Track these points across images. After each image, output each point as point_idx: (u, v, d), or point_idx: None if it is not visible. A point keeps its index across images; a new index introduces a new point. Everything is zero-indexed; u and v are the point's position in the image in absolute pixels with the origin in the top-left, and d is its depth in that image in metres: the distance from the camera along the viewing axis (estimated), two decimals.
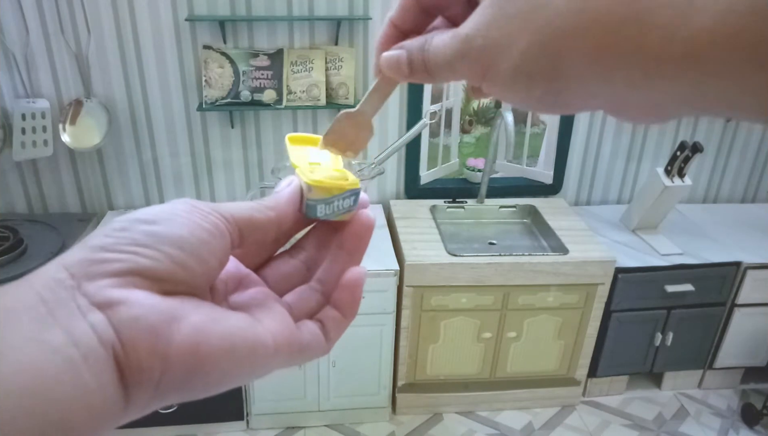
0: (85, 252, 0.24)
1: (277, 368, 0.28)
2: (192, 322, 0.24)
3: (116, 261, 0.24)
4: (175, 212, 0.26)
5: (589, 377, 2.38)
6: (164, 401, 0.25)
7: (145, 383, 0.23)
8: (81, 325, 0.22)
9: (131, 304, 0.23)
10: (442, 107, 2.37)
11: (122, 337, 0.23)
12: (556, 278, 2.08)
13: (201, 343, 0.24)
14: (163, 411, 2.13)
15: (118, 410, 0.23)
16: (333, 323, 0.30)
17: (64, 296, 0.23)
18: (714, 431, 2.30)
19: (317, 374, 2.16)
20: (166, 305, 0.24)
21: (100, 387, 0.22)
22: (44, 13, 2.01)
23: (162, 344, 0.23)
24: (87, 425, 0.22)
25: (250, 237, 0.29)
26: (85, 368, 0.22)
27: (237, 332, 0.26)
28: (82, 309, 0.23)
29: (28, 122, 2.06)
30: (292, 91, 2.12)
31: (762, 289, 2.25)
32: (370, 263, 2.00)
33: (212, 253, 0.27)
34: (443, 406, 2.33)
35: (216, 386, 0.26)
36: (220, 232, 0.27)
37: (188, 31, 2.10)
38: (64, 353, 0.21)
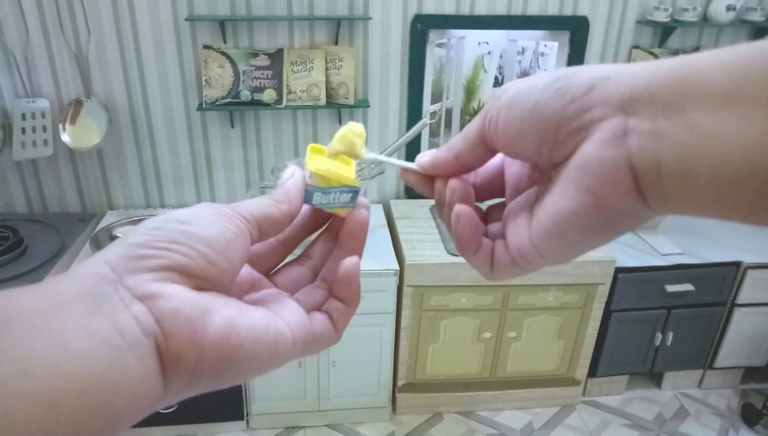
0: (124, 249, 0.26)
1: (294, 358, 0.30)
2: (223, 315, 0.26)
3: (154, 257, 0.26)
4: (204, 215, 0.28)
5: (589, 377, 2.38)
6: (195, 389, 0.27)
7: (182, 371, 0.25)
8: (125, 316, 0.24)
9: (170, 297, 0.25)
10: (443, 107, 2.37)
11: (163, 327, 0.25)
12: (556, 277, 2.08)
13: (231, 335, 0.26)
14: (163, 411, 2.13)
15: (157, 396, 0.25)
16: (338, 313, 0.32)
17: (108, 289, 0.24)
18: (714, 431, 2.30)
19: (317, 374, 2.16)
20: (200, 299, 0.26)
21: (145, 374, 0.24)
22: (44, 13, 2.01)
23: (198, 335, 0.25)
24: (131, 408, 0.24)
25: (267, 232, 0.31)
26: (131, 357, 0.23)
27: (261, 325, 0.28)
28: (125, 301, 0.24)
29: (28, 122, 2.06)
30: (292, 91, 2.12)
31: (762, 289, 2.25)
32: (370, 263, 2.00)
33: (237, 253, 0.29)
34: (443, 406, 2.33)
35: (242, 375, 0.28)
36: (243, 233, 0.29)
37: (188, 30, 2.10)
38: (112, 343, 0.23)
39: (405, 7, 2.17)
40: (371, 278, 1.99)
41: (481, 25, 2.25)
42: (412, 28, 2.20)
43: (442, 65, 2.43)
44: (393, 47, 2.23)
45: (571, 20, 2.27)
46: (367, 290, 2.00)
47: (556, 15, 2.26)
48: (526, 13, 2.25)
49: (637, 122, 0.23)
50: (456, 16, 2.22)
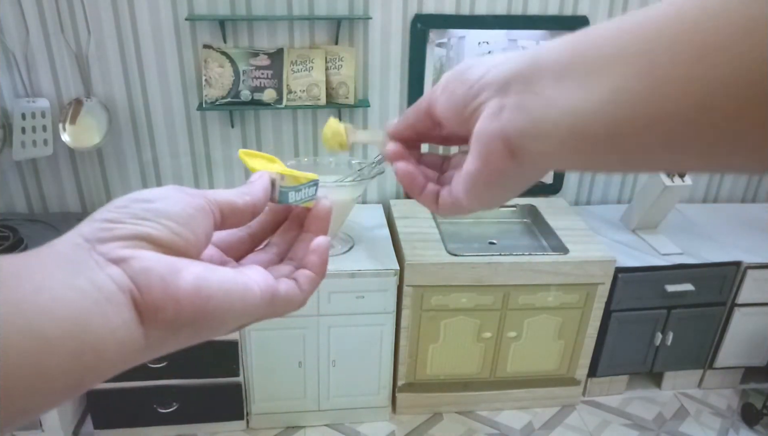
0: (95, 224, 0.29)
1: (263, 316, 0.33)
2: (192, 271, 0.29)
3: (122, 229, 0.28)
4: (168, 194, 0.31)
5: (589, 377, 2.38)
6: (178, 340, 0.30)
7: (160, 322, 0.28)
8: (101, 275, 0.26)
9: (141, 258, 0.27)
10: None
11: (137, 283, 0.27)
12: (556, 277, 2.08)
13: (202, 286, 0.29)
14: (163, 411, 2.13)
15: (139, 346, 0.27)
16: (305, 278, 0.36)
17: (84, 255, 0.27)
18: (714, 430, 2.30)
19: (317, 373, 2.16)
20: (170, 259, 0.29)
21: (124, 324, 0.26)
22: (44, 13, 2.01)
23: (172, 288, 0.28)
24: (115, 353, 0.26)
25: (229, 219, 0.34)
26: (110, 308, 0.26)
27: (229, 278, 0.31)
28: (99, 264, 0.27)
29: (28, 122, 2.06)
30: (292, 91, 2.12)
31: (762, 289, 2.25)
32: (370, 262, 2.00)
33: (200, 226, 0.31)
34: (443, 406, 2.33)
35: (218, 326, 0.31)
36: (205, 210, 0.32)
37: (188, 30, 2.10)
38: (92, 296, 0.26)
39: (405, 7, 2.17)
40: (371, 278, 1.99)
41: (481, 25, 2.25)
42: (412, 28, 2.20)
43: (442, 65, 2.43)
44: (393, 47, 2.23)
45: (571, 20, 2.27)
46: (367, 290, 2.01)
47: (556, 15, 2.26)
48: (526, 13, 2.25)
49: (508, 100, 0.29)
50: (456, 16, 2.22)
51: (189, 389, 2.12)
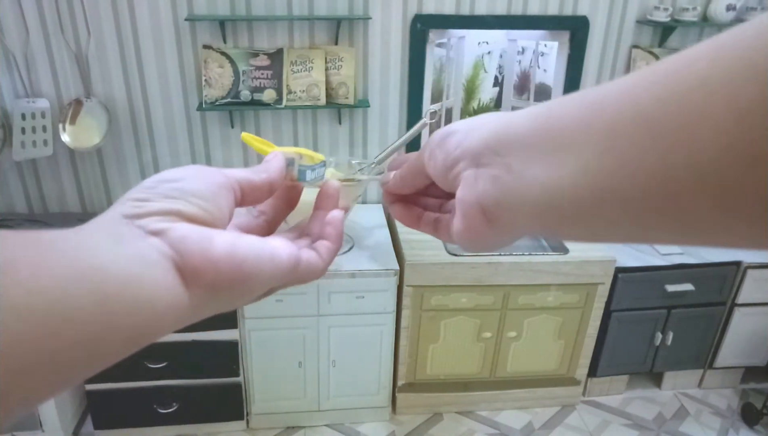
0: (127, 203, 0.30)
1: (289, 282, 0.35)
2: (224, 238, 0.31)
3: (154, 206, 0.30)
4: (191, 173, 0.33)
5: (589, 377, 2.38)
6: (218, 302, 0.31)
7: (201, 284, 0.30)
8: (143, 244, 0.28)
9: (177, 229, 0.29)
10: (442, 107, 2.37)
11: (177, 250, 0.29)
12: (556, 277, 2.08)
13: (235, 251, 0.31)
14: (163, 411, 2.13)
15: (185, 306, 0.29)
16: (324, 248, 0.38)
17: (124, 228, 0.29)
18: (714, 430, 2.30)
19: (317, 373, 2.16)
20: (202, 229, 0.31)
21: (170, 284, 0.28)
22: (44, 13, 2.01)
23: (208, 252, 0.30)
24: (167, 311, 0.28)
25: (248, 196, 0.36)
26: (157, 271, 0.28)
27: (258, 243, 0.32)
28: (140, 236, 0.29)
29: (28, 122, 2.06)
30: (292, 91, 2.12)
31: (762, 289, 2.25)
32: (370, 262, 2.00)
33: (225, 201, 0.34)
34: (443, 406, 2.33)
35: (253, 288, 0.32)
36: (226, 186, 0.34)
37: (188, 30, 2.10)
38: (138, 262, 0.27)
39: (405, 7, 2.17)
40: (371, 278, 1.99)
41: (481, 25, 2.25)
42: (412, 28, 2.20)
43: (442, 65, 2.43)
44: (393, 47, 2.23)
45: (571, 20, 2.27)
46: (367, 290, 2.00)
47: (556, 15, 2.26)
48: (526, 13, 2.25)
49: (481, 171, 0.31)
50: (456, 16, 2.22)
51: (189, 389, 2.12)
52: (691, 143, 0.21)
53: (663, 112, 0.22)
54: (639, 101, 0.23)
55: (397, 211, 0.43)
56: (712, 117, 0.20)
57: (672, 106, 0.22)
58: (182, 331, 2.00)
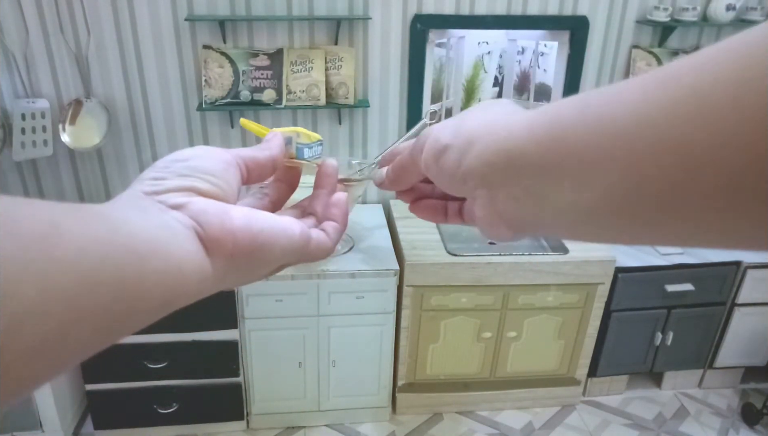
0: (145, 181, 0.32)
1: (300, 259, 0.37)
2: (240, 211, 0.32)
3: (170, 183, 0.32)
4: (201, 153, 0.35)
5: (589, 377, 2.38)
6: (238, 273, 0.33)
7: (222, 253, 0.31)
8: (166, 217, 0.30)
9: (196, 202, 0.31)
10: (443, 107, 2.37)
11: (198, 221, 0.30)
12: (556, 277, 2.08)
13: (252, 222, 0.32)
14: (163, 411, 2.13)
15: (209, 274, 0.30)
16: (331, 228, 0.39)
17: (146, 202, 0.31)
18: (714, 430, 2.30)
19: (317, 374, 2.16)
20: (218, 203, 0.32)
21: (196, 250, 0.30)
22: (44, 13, 2.01)
23: (227, 224, 0.31)
24: (194, 276, 0.29)
25: (253, 172, 0.38)
26: (182, 239, 0.29)
27: (271, 218, 0.34)
28: (162, 210, 0.30)
29: (28, 122, 2.06)
30: (291, 91, 2.12)
31: (762, 289, 2.25)
32: (370, 262, 2.00)
33: (233, 177, 0.35)
34: (443, 406, 2.33)
35: (270, 260, 0.34)
36: (233, 164, 0.36)
37: (188, 31, 2.10)
38: (164, 231, 0.29)
39: (405, 7, 2.17)
40: (371, 278, 1.99)
41: (481, 25, 2.25)
42: (412, 28, 2.20)
43: (442, 65, 2.43)
44: (393, 47, 2.23)
45: (571, 20, 2.27)
46: (367, 290, 2.00)
47: (556, 15, 2.26)
48: (526, 13, 2.25)
49: (496, 192, 0.32)
50: (456, 16, 2.22)
51: (189, 389, 2.12)
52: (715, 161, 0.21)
53: (688, 137, 0.22)
54: (656, 124, 0.23)
55: (420, 212, 0.44)
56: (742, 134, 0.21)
57: (698, 130, 0.22)
58: (182, 331, 2.01)
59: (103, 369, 2.06)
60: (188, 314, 2.16)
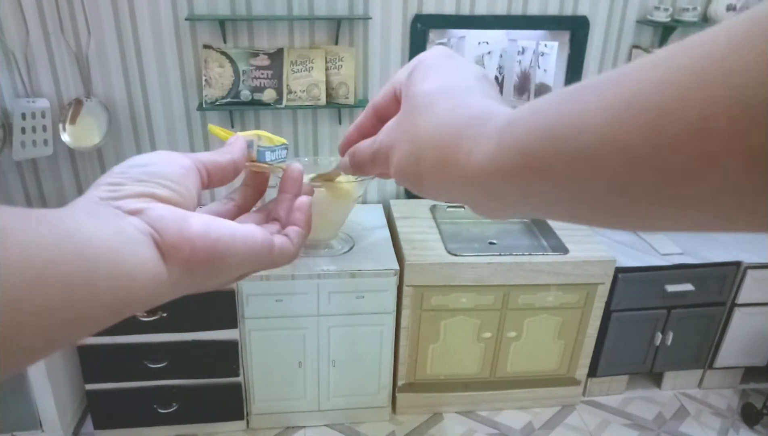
0: (102, 187, 0.32)
1: (263, 265, 0.36)
2: (200, 218, 0.32)
3: (128, 189, 0.32)
4: (159, 158, 0.35)
5: (589, 377, 2.38)
6: (195, 280, 0.32)
7: (179, 261, 0.31)
8: (123, 223, 0.29)
9: (154, 208, 0.31)
10: None
11: (155, 227, 0.30)
12: (556, 277, 2.08)
13: (211, 229, 0.32)
14: (163, 411, 2.13)
15: (164, 281, 0.30)
16: (294, 233, 0.39)
17: (103, 208, 0.30)
18: (714, 430, 2.30)
19: (317, 374, 2.16)
20: (177, 209, 0.32)
21: (151, 258, 0.29)
22: (44, 13, 2.01)
23: (185, 230, 0.31)
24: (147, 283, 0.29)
25: (214, 177, 0.38)
26: (137, 245, 0.29)
27: (232, 225, 0.34)
28: (119, 215, 0.30)
29: (28, 122, 2.06)
30: (292, 91, 2.12)
31: (762, 289, 2.25)
32: (370, 262, 2.00)
33: (192, 183, 0.35)
34: (443, 406, 2.33)
35: (229, 268, 0.34)
36: (193, 169, 0.36)
37: (188, 30, 2.10)
38: (119, 237, 0.28)
39: (405, 6, 2.17)
40: (371, 278, 1.99)
41: (481, 25, 2.25)
42: (412, 28, 2.20)
43: None
44: (393, 47, 2.23)
45: (571, 20, 2.27)
46: (367, 290, 2.00)
47: (556, 15, 2.26)
48: (526, 13, 2.25)
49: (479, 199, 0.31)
50: (456, 16, 2.22)
51: (189, 389, 2.12)
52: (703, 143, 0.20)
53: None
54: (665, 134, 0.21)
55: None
56: None
57: None
58: (182, 331, 2.01)
59: (103, 369, 2.06)
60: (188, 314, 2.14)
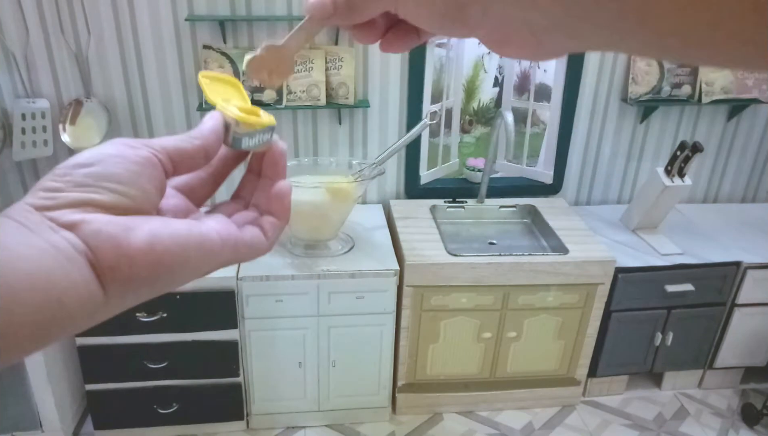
0: (39, 194, 0.29)
1: (228, 262, 0.33)
2: (145, 229, 0.29)
3: (65, 197, 0.29)
4: (108, 153, 0.31)
5: (589, 377, 2.38)
6: (139, 294, 0.30)
7: (117, 280, 0.28)
8: (56, 237, 0.27)
9: (90, 221, 0.28)
10: (442, 107, 2.37)
11: (90, 246, 0.28)
12: (556, 277, 2.08)
13: (155, 242, 0.29)
14: (163, 411, 2.13)
15: (100, 301, 0.28)
16: (269, 225, 0.36)
17: (36, 219, 0.28)
18: (714, 431, 2.30)
19: (317, 374, 2.16)
20: (120, 220, 0.29)
21: (84, 280, 0.27)
22: (44, 13, 2.01)
23: (124, 246, 0.28)
24: (79, 309, 0.27)
25: (181, 164, 0.34)
26: (69, 265, 0.27)
27: (183, 231, 0.31)
28: (53, 228, 0.28)
29: (28, 122, 2.06)
30: (292, 91, 2.13)
31: (762, 289, 2.25)
32: (370, 262, 2.01)
33: (149, 180, 0.31)
34: (443, 406, 2.33)
35: (179, 278, 0.31)
36: (151, 163, 0.32)
37: (188, 31, 2.10)
38: (51, 254, 0.26)
39: None
40: (371, 278, 1.99)
41: None
42: None
43: (442, 65, 2.43)
44: None
45: None
46: (367, 290, 2.00)
47: None
48: None
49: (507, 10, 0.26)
50: None
51: (189, 389, 2.12)
52: None
53: None
54: None
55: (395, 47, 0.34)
56: None
57: None
58: (182, 331, 2.01)
59: (103, 369, 2.06)
60: (188, 314, 2.14)
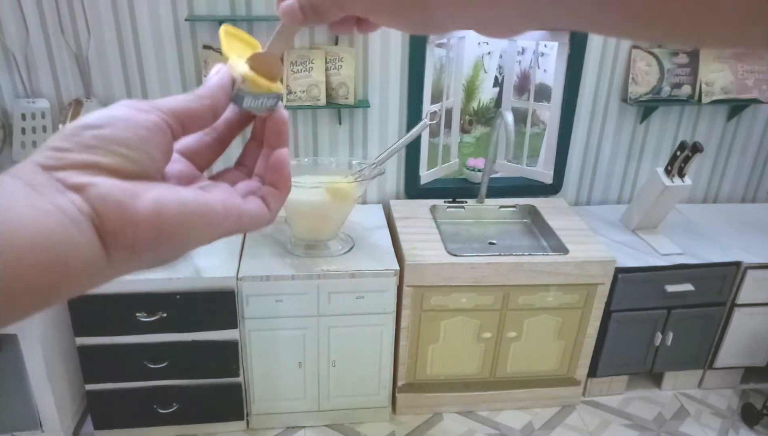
0: (47, 152, 0.29)
1: (230, 232, 0.34)
2: (151, 194, 0.29)
3: (72, 158, 0.28)
4: (118, 116, 0.30)
5: (589, 377, 2.38)
6: (142, 261, 0.30)
7: (120, 244, 0.29)
8: (63, 199, 0.27)
9: (97, 185, 0.28)
10: (442, 107, 2.36)
11: (96, 209, 0.28)
12: (556, 278, 2.08)
13: (161, 208, 0.29)
14: (163, 411, 2.13)
15: (104, 265, 0.28)
16: (271, 196, 0.36)
17: (43, 180, 0.27)
18: (714, 431, 2.30)
19: (317, 374, 2.16)
20: (126, 184, 0.29)
21: (88, 243, 0.27)
22: (44, 13, 2.01)
23: (129, 212, 0.28)
24: (83, 271, 0.27)
25: (189, 125, 0.34)
26: (74, 228, 0.27)
27: (188, 199, 0.31)
28: (59, 190, 0.27)
29: (28, 122, 2.06)
30: (292, 91, 2.13)
31: (762, 289, 2.25)
32: (370, 262, 2.00)
33: (156, 146, 0.31)
34: (443, 406, 2.33)
35: (181, 244, 0.31)
36: (160, 128, 0.32)
37: (188, 31, 2.10)
38: (56, 217, 0.26)
39: None
40: (371, 278, 1.99)
41: None
42: None
43: (442, 65, 2.43)
44: (393, 47, 2.23)
45: None
46: (367, 290, 2.00)
47: None
48: None
49: None
50: None
51: (189, 389, 2.12)
52: None
53: None
54: None
55: (372, 29, 0.35)
56: None
57: None
58: (182, 331, 2.01)
59: (103, 369, 2.06)
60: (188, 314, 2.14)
